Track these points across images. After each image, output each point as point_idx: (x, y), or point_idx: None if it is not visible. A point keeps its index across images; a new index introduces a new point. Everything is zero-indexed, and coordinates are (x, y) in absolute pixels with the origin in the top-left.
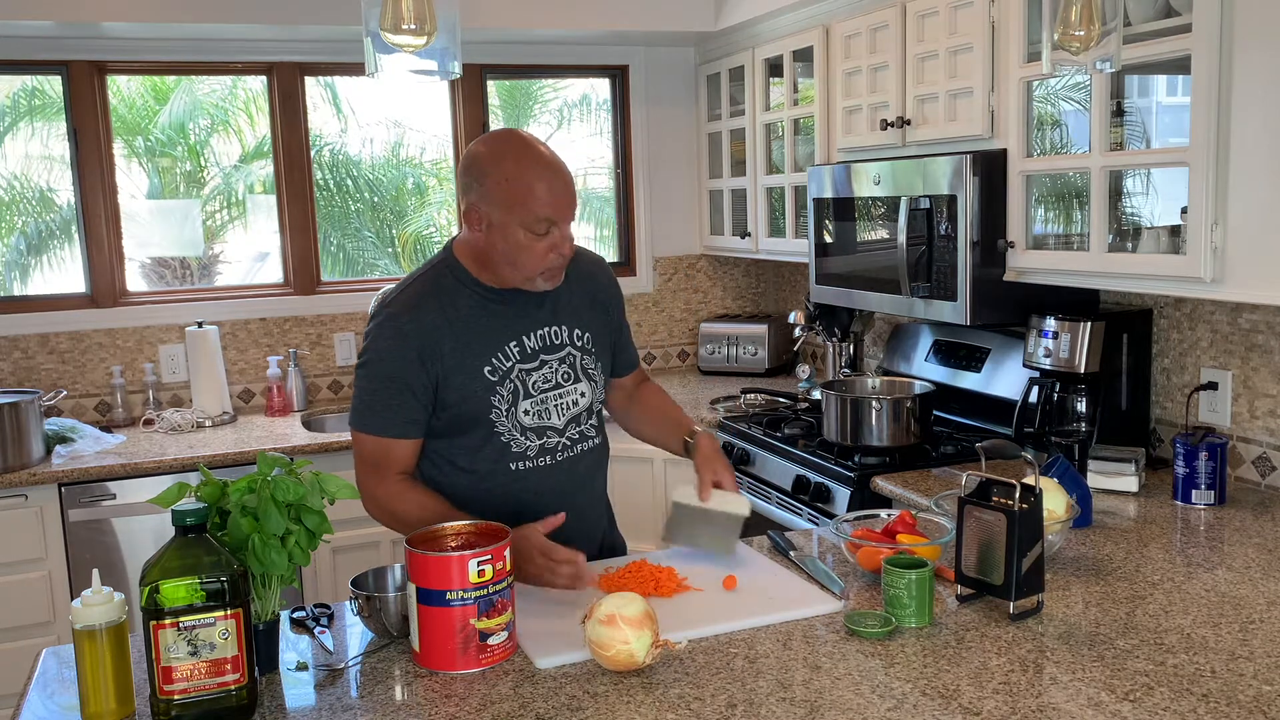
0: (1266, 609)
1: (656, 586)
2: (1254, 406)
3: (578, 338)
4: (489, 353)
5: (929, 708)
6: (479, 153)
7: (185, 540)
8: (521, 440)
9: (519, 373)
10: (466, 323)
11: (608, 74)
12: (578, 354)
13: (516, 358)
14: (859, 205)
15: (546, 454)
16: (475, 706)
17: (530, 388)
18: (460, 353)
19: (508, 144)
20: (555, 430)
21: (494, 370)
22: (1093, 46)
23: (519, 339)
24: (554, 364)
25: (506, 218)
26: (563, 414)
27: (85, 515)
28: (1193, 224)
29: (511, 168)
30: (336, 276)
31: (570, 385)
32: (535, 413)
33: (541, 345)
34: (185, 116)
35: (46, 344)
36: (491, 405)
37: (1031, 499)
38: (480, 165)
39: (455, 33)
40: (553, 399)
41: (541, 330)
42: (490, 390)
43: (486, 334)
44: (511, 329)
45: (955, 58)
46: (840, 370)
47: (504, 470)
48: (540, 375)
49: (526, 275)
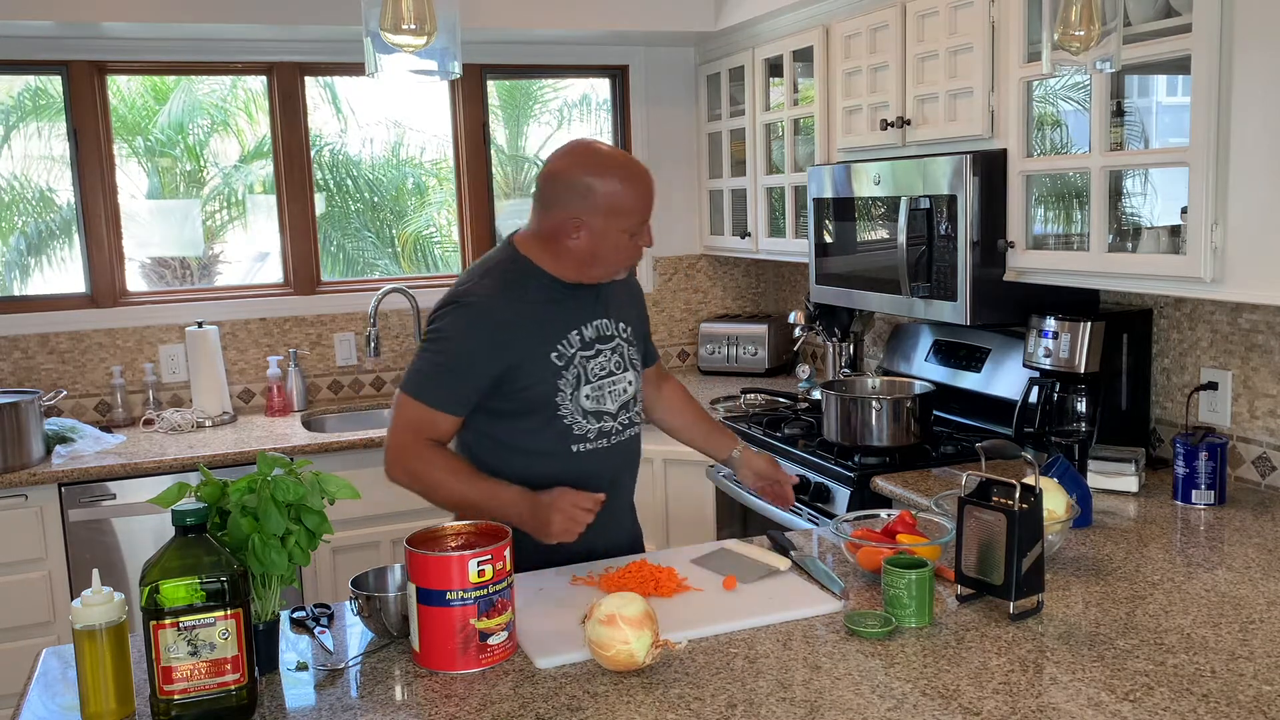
0: (1266, 609)
1: (656, 586)
2: (1254, 406)
3: (623, 330)
4: (555, 340)
5: (929, 708)
6: (584, 165)
7: (185, 540)
8: (583, 423)
9: (580, 359)
10: (535, 312)
11: (608, 74)
12: (624, 344)
13: (578, 346)
14: (859, 205)
15: (604, 437)
16: (475, 706)
17: (589, 374)
18: (531, 340)
19: (607, 162)
20: (610, 415)
21: (560, 356)
22: (1093, 46)
23: (579, 329)
24: (607, 353)
25: (609, 224)
26: (615, 400)
27: (85, 515)
28: (1193, 224)
29: (615, 184)
30: (336, 276)
31: (620, 374)
32: (594, 398)
33: (596, 336)
34: (185, 116)
35: (46, 344)
36: (558, 389)
37: (1031, 499)
38: (584, 181)
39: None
40: (608, 386)
41: (596, 322)
42: (557, 375)
43: (553, 323)
44: (573, 319)
45: (955, 58)
46: (840, 370)
47: (565, 452)
48: (597, 363)
49: (614, 270)
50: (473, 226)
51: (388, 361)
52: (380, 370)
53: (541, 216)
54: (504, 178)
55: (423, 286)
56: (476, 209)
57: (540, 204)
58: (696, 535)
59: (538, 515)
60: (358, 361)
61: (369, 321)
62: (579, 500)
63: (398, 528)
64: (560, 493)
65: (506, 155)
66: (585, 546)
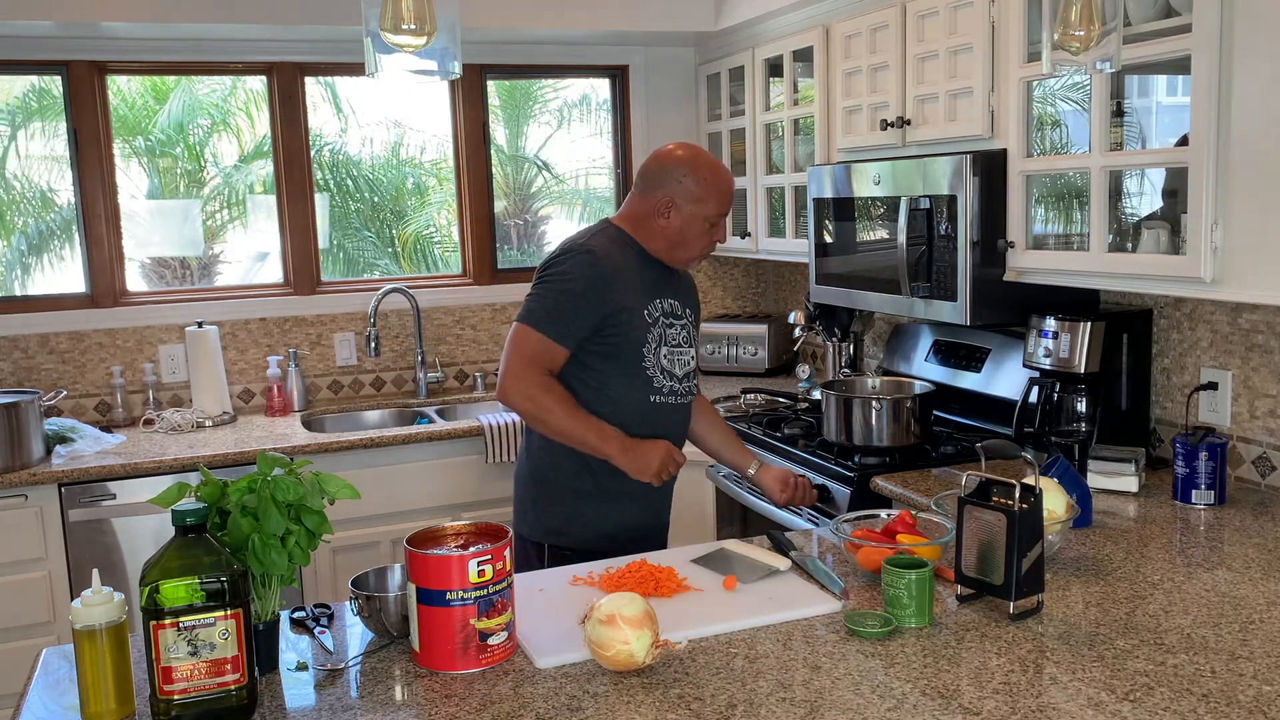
0: (1266, 609)
1: (656, 586)
2: (1254, 406)
3: (689, 314)
4: (648, 300)
5: (929, 708)
6: (681, 158)
7: (185, 540)
8: (660, 379)
9: (663, 323)
10: (635, 272)
11: (608, 74)
12: (690, 325)
13: (662, 312)
14: (859, 205)
15: (674, 395)
16: (475, 706)
17: (668, 338)
18: (629, 294)
19: (706, 158)
20: (678, 378)
21: (649, 315)
22: (1093, 46)
23: (660, 299)
24: (678, 327)
25: (696, 210)
26: (683, 367)
27: (85, 515)
28: (1193, 224)
29: (709, 174)
30: (336, 276)
31: (687, 348)
32: (670, 359)
33: (671, 311)
34: (185, 116)
35: (46, 344)
36: (646, 340)
37: (1031, 499)
38: (684, 167)
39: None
40: (678, 354)
41: (672, 299)
42: (647, 329)
43: (644, 286)
44: (659, 290)
45: (955, 58)
46: (840, 370)
47: (644, 401)
48: (672, 332)
49: (691, 256)
50: (473, 226)
51: (387, 361)
52: (380, 370)
53: (640, 199)
54: (504, 178)
55: (422, 286)
56: (476, 209)
57: (640, 186)
58: (696, 535)
59: (638, 451)
60: (358, 361)
61: (369, 321)
62: (675, 451)
63: (398, 528)
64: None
65: (506, 155)
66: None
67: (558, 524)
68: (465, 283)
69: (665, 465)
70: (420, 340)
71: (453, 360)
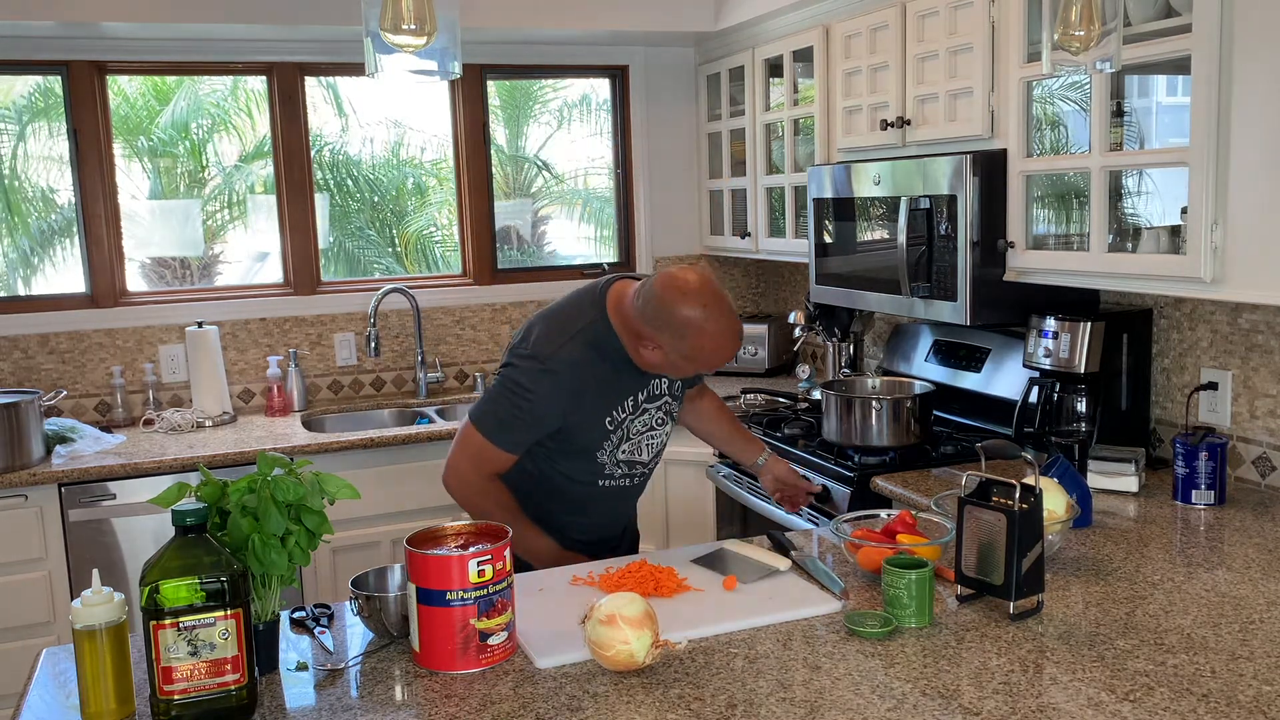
0: (1266, 609)
1: (656, 586)
2: (1254, 406)
3: (673, 385)
4: (613, 407)
5: (929, 708)
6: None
7: (185, 540)
8: (614, 469)
9: (628, 423)
10: (604, 381)
11: (608, 74)
12: (670, 400)
13: (630, 411)
14: (859, 205)
15: (628, 478)
16: (475, 706)
17: (631, 433)
18: (594, 406)
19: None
20: (641, 464)
21: (612, 420)
22: (1093, 46)
23: (634, 395)
24: (652, 411)
25: (681, 359)
26: (650, 450)
27: (85, 515)
28: (1193, 224)
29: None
30: (336, 276)
31: (660, 428)
32: (629, 451)
33: (647, 397)
34: (186, 116)
35: (46, 344)
36: (602, 446)
37: (1031, 499)
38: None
39: (455, 33)
40: (645, 439)
41: (649, 386)
42: (605, 436)
43: (615, 392)
44: (632, 387)
45: (955, 58)
46: (840, 370)
47: (594, 483)
48: (640, 421)
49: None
50: (473, 226)
51: (387, 361)
52: (380, 370)
53: (637, 315)
54: (504, 178)
55: (422, 286)
56: (477, 209)
57: (640, 306)
58: (696, 535)
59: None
60: (358, 361)
61: (369, 321)
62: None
63: (398, 528)
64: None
65: (506, 155)
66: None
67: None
68: (465, 283)
69: None
70: (420, 340)
71: (453, 360)
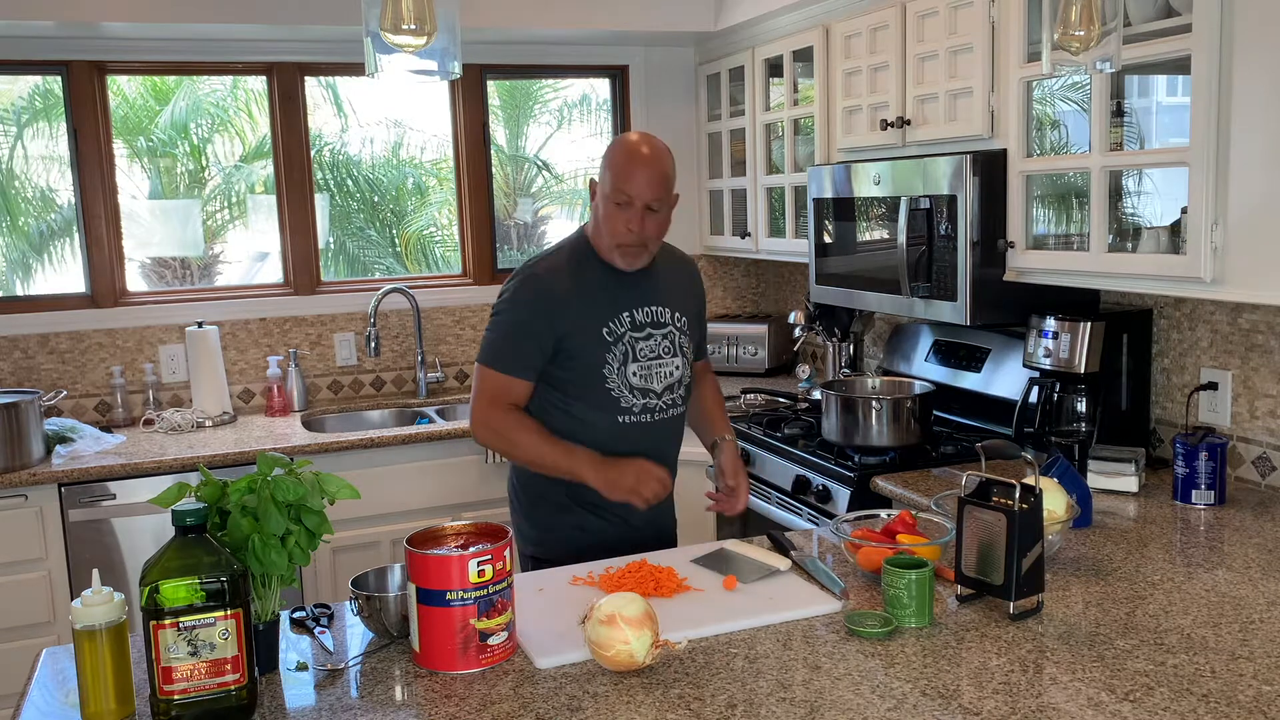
0: (1266, 609)
1: (656, 586)
2: (1254, 406)
3: (677, 319)
4: (607, 317)
5: (929, 708)
6: (612, 142)
7: (185, 540)
8: (629, 397)
9: (630, 339)
10: (592, 290)
11: (608, 74)
12: (676, 333)
13: (628, 326)
14: (859, 205)
15: (648, 413)
16: (475, 706)
17: (638, 353)
18: (584, 313)
19: (627, 137)
20: (655, 394)
21: (610, 332)
22: (1093, 46)
23: (631, 311)
24: (658, 338)
25: (605, 189)
26: (662, 381)
27: (85, 515)
28: (1193, 224)
29: (619, 151)
30: (336, 276)
31: (669, 358)
32: (641, 375)
33: (649, 320)
34: (186, 116)
35: (46, 344)
36: (605, 360)
37: (1031, 499)
38: (609, 149)
39: (455, 33)
40: (655, 367)
41: (650, 307)
42: (606, 348)
43: (607, 302)
44: (626, 301)
45: (955, 58)
46: (840, 370)
47: (613, 423)
48: (647, 345)
49: (608, 245)
50: (473, 226)
51: (388, 361)
52: (380, 370)
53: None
54: (504, 178)
55: (422, 286)
56: (477, 209)
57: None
58: (696, 535)
59: (611, 469)
60: (358, 361)
61: (369, 321)
62: (653, 468)
63: (398, 528)
64: (633, 459)
65: (506, 155)
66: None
67: (537, 534)
68: (465, 283)
69: (641, 483)
70: (420, 340)
71: (453, 360)
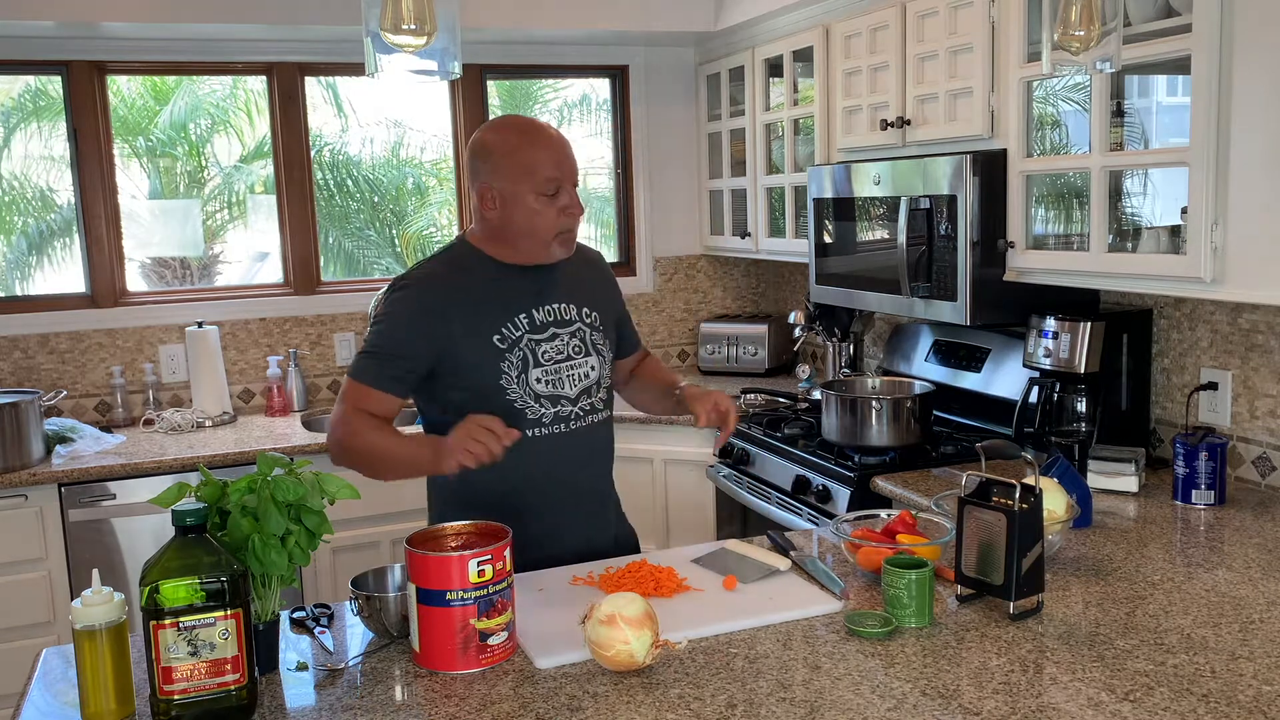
0: (1266, 609)
1: (656, 586)
2: (1254, 406)
3: (586, 315)
4: (500, 322)
5: (929, 708)
6: (484, 138)
7: (185, 540)
8: (536, 407)
9: (528, 342)
10: (477, 294)
11: (608, 74)
12: (587, 329)
13: (525, 328)
14: (859, 205)
15: (560, 422)
16: (475, 706)
17: (540, 357)
18: (470, 321)
19: (508, 124)
20: (568, 400)
21: (503, 339)
22: (1093, 46)
23: (528, 311)
24: (565, 337)
25: (517, 188)
26: (575, 384)
27: (85, 515)
28: (1193, 224)
29: (516, 141)
30: (336, 276)
31: (581, 358)
32: (548, 381)
33: (551, 319)
34: (186, 116)
35: (46, 344)
36: (501, 371)
37: (1031, 499)
38: (487, 147)
39: (455, 33)
40: (565, 369)
41: (551, 305)
42: (499, 357)
43: (497, 307)
44: (521, 302)
45: (955, 58)
46: (840, 370)
47: (522, 437)
48: (552, 347)
49: (544, 240)
50: None
51: None
52: None
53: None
54: None
55: None
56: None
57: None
58: (696, 535)
59: (440, 445)
60: None
61: (369, 321)
62: (484, 420)
63: (398, 528)
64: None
65: None
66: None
67: None
68: None
69: (468, 437)
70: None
71: None
